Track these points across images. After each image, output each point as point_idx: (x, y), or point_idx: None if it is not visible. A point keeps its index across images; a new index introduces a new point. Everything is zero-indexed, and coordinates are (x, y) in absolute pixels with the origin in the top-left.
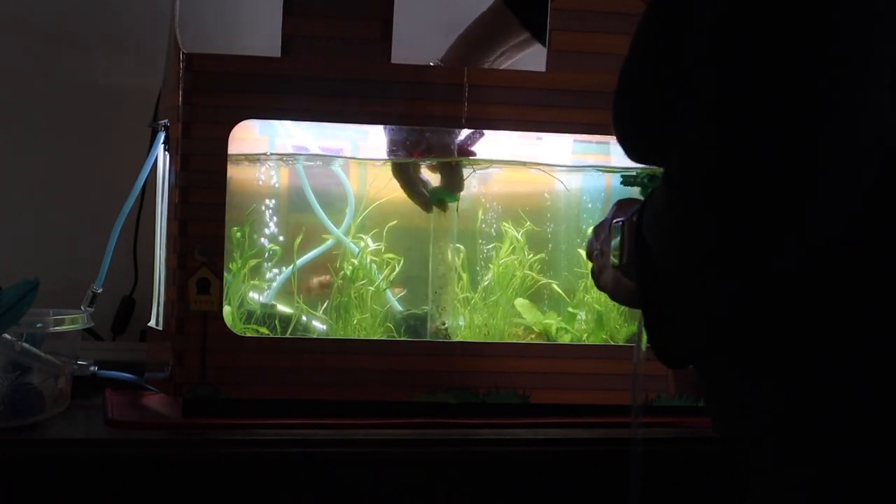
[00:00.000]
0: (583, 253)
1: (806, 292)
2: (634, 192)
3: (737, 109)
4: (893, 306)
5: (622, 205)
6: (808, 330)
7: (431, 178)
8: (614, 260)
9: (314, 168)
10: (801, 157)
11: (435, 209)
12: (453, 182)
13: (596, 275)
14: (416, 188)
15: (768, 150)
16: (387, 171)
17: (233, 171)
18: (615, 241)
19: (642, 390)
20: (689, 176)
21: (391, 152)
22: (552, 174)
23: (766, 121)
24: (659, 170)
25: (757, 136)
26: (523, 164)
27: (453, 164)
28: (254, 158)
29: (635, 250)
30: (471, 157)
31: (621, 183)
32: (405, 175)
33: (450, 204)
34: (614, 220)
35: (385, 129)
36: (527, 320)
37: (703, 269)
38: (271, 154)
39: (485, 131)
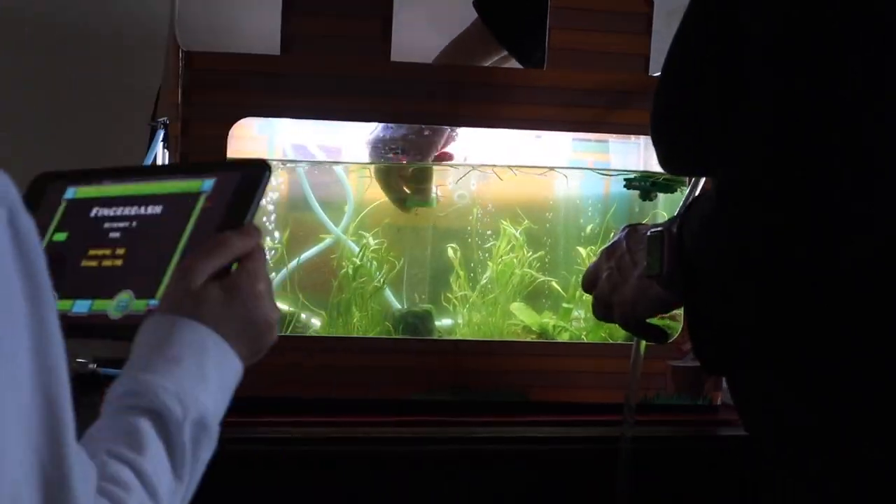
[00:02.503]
0: (582, 251)
1: (858, 297)
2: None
3: (794, 119)
4: None
5: (634, 229)
6: (857, 335)
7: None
8: (650, 270)
9: (314, 167)
10: (859, 162)
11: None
12: (422, 193)
13: (607, 294)
14: (396, 192)
15: (828, 160)
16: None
17: None
18: (653, 252)
19: (641, 389)
20: (748, 189)
21: (375, 152)
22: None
23: (824, 131)
24: (659, 175)
25: (816, 147)
26: (522, 167)
27: (422, 177)
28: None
29: (676, 258)
30: (468, 164)
31: (624, 187)
32: (386, 178)
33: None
34: (649, 232)
35: (379, 129)
36: (525, 322)
37: (763, 276)
38: (275, 160)
39: (457, 131)
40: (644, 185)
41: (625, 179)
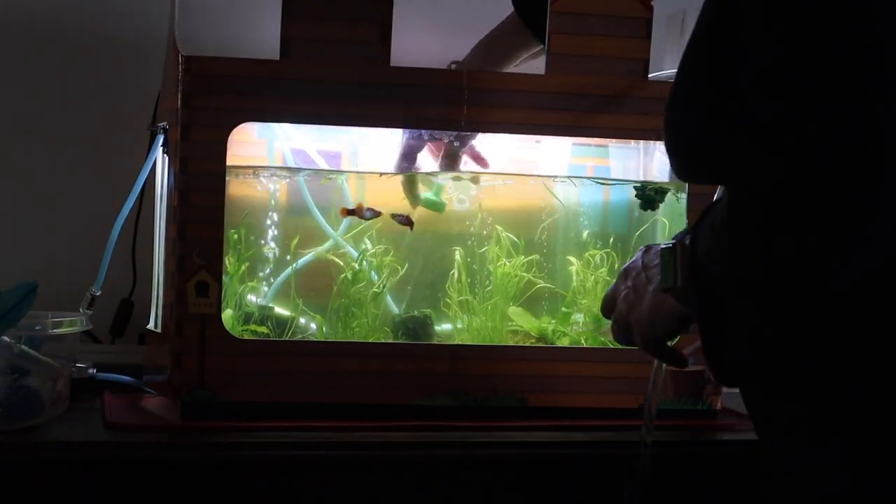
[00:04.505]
0: (575, 261)
1: (864, 311)
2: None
3: (795, 129)
4: None
5: (649, 247)
6: (868, 349)
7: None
8: (664, 283)
9: (313, 173)
10: (863, 173)
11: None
12: (411, 197)
13: (624, 315)
14: (413, 192)
15: (829, 171)
16: (382, 180)
17: (231, 176)
18: (666, 265)
19: (640, 393)
20: (750, 196)
21: (404, 161)
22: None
23: (825, 141)
24: (666, 184)
25: (817, 157)
26: (522, 175)
27: (411, 181)
28: (256, 170)
29: (689, 270)
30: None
31: (636, 196)
32: (408, 181)
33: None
34: (662, 245)
35: (404, 135)
36: (524, 327)
37: (765, 289)
38: (273, 167)
39: (478, 135)
40: (649, 196)
41: (634, 188)
